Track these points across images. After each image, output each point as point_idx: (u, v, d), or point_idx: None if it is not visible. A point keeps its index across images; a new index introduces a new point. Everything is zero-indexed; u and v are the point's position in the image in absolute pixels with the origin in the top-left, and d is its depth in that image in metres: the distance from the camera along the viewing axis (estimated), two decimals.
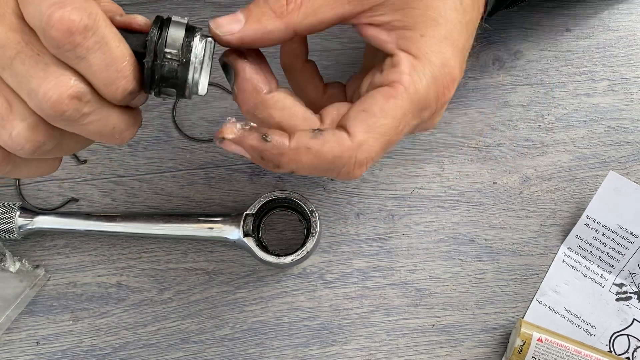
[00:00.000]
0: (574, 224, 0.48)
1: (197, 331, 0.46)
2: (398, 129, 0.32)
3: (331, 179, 0.49)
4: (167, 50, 0.30)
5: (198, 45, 0.31)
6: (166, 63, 0.30)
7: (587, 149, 0.51)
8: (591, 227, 0.48)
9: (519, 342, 0.44)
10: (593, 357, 0.43)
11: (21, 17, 0.29)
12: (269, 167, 0.33)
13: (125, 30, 0.30)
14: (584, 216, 0.48)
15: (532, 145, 0.51)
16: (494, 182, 0.50)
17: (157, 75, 0.31)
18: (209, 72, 0.32)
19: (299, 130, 0.32)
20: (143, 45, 0.30)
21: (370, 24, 0.33)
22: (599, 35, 0.53)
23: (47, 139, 0.30)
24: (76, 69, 0.29)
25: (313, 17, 0.32)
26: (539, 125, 0.51)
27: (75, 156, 0.49)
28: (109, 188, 0.49)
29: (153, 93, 0.32)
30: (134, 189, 0.49)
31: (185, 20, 0.31)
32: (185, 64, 0.31)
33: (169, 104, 0.51)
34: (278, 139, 0.31)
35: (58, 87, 0.28)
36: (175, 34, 0.31)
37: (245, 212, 0.46)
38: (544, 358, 0.43)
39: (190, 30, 0.31)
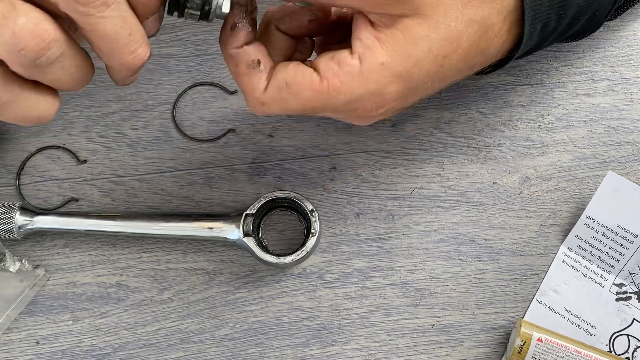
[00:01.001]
0: (574, 224, 0.48)
1: (197, 331, 0.46)
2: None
3: (331, 179, 0.49)
4: None
5: None
6: None
7: (587, 149, 0.51)
8: (591, 227, 0.48)
9: (518, 342, 0.44)
10: (593, 357, 0.43)
11: None
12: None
13: None
14: (583, 216, 0.48)
15: (532, 145, 0.51)
16: (494, 182, 0.50)
17: None
18: None
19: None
20: None
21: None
22: (599, 35, 0.53)
23: (53, 38, 0.28)
24: None
25: None
26: (539, 125, 0.51)
27: (75, 156, 0.49)
28: (109, 188, 0.49)
29: (177, 13, 0.31)
30: (134, 189, 0.49)
31: None
32: None
33: (169, 103, 0.51)
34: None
35: None
36: None
37: (245, 212, 0.46)
38: (543, 358, 0.43)
39: None
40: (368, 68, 0.35)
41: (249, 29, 0.35)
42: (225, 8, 0.33)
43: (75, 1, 0.28)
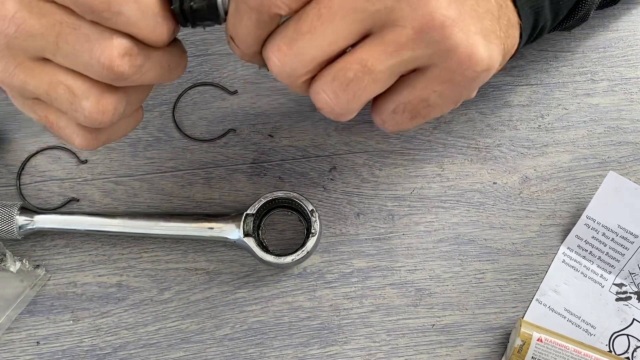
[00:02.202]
0: (574, 224, 0.48)
1: (197, 331, 0.46)
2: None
3: (331, 179, 0.49)
4: None
5: None
6: None
7: (587, 149, 0.51)
8: (591, 227, 0.48)
9: (518, 342, 0.44)
10: (593, 357, 0.43)
11: None
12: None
13: None
14: (583, 216, 0.48)
15: (532, 146, 0.51)
16: (493, 182, 0.50)
17: (188, 8, 0.31)
18: None
19: None
20: None
21: None
22: (599, 36, 0.53)
23: (116, 103, 0.32)
24: (118, 29, 0.30)
25: None
26: (539, 126, 0.51)
27: (76, 156, 0.50)
28: (110, 188, 0.49)
29: (190, 26, 0.32)
30: (134, 189, 0.49)
31: None
32: None
33: (169, 103, 0.51)
34: None
35: (106, 51, 0.30)
36: None
37: (245, 212, 0.46)
38: (543, 358, 0.43)
39: None
40: None
41: None
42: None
43: (117, 81, 0.31)
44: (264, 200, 0.46)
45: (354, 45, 0.31)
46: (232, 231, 0.45)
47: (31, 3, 0.30)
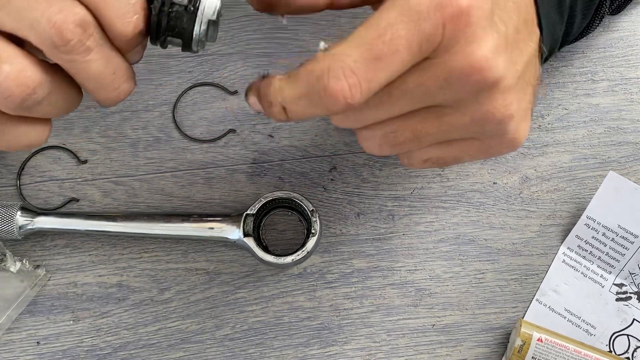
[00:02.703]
0: (574, 224, 0.48)
1: (197, 331, 0.46)
2: (382, 38, 0.29)
3: (331, 179, 0.49)
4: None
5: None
6: (174, 10, 0.30)
7: (587, 149, 0.51)
8: (591, 227, 0.48)
9: (519, 342, 0.44)
10: (593, 357, 0.43)
11: None
12: (270, 111, 0.31)
13: None
14: (583, 216, 0.48)
15: (532, 146, 0.51)
16: (494, 182, 0.50)
17: (164, 23, 0.30)
18: (218, 26, 0.32)
19: None
20: None
21: None
22: (599, 36, 0.53)
23: (38, 83, 0.29)
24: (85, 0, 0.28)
25: None
26: (539, 125, 0.51)
27: (75, 156, 0.50)
28: (110, 188, 0.49)
29: (159, 43, 0.31)
30: (134, 189, 0.49)
31: None
32: (193, 13, 0.30)
33: (170, 103, 0.51)
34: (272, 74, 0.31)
35: (63, 12, 0.27)
36: None
37: (245, 212, 0.46)
38: (544, 358, 0.43)
39: None
40: None
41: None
42: (211, 39, 0.32)
43: (59, 50, 0.28)
44: (264, 200, 0.46)
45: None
46: (232, 231, 0.45)
47: None
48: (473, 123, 0.31)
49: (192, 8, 0.30)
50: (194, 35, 0.31)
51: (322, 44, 0.30)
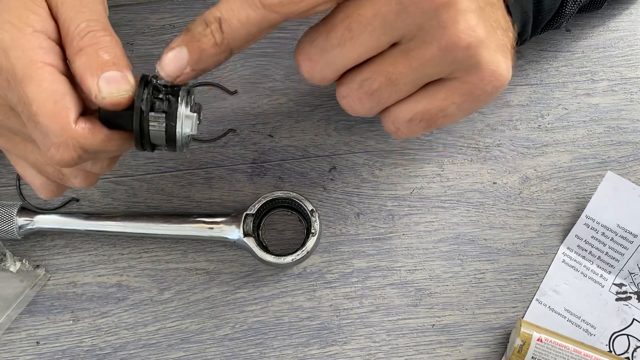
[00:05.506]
0: (574, 224, 0.48)
1: (197, 331, 0.46)
2: None
3: (331, 179, 0.49)
4: (151, 116, 0.32)
5: (181, 102, 0.32)
6: (153, 126, 0.32)
7: (587, 149, 0.51)
8: (591, 227, 0.48)
9: (518, 342, 0.44)
10: (593, 357, 0.43)
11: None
12: (203, 42, 0.32)
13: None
14: (583, 216, 0.48)
15: (532, 145, 0.51)
16: (493, 182, 0.50)
17: (146, 139, 0.33)
18: (195, 117, 0.33)
19: None
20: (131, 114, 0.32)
21: None
22: (599, 36, 0.53)
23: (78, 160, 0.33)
24: None
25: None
26: (539, 125, 0.51)
27: None
28: (110, 188, 0.49)
29: (148, 149, 0.34)
30: (134, 189, 0.49)
31: (164, 82, 0.32)
32: (170, 125, 0.32)
33: None
34: None
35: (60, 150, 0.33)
36: (158, 103, 0.32)
37: (245, 212, 0.46)
38: (543, 358, 0.43)
39: (172, 90, 0.32)
40: None
41: None
42: (194, 131, 0.34)
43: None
44: (264, 200, 0.46)
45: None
46: (232, 231, 0.45)
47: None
48: (441, 52, 0.31)
49: (170, 123, 0.32)
50: (177, 142, 0.33)
51: None
